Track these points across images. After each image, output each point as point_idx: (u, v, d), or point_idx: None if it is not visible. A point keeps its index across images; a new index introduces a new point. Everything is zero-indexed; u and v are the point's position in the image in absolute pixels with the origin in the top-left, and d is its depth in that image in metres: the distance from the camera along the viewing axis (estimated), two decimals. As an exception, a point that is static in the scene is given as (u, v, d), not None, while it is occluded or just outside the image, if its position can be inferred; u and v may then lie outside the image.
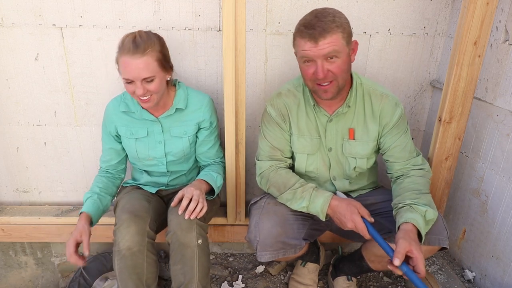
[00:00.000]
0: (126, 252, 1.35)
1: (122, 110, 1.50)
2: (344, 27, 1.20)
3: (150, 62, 1.31)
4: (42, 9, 1.59)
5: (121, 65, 1.32)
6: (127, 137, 1.52)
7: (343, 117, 1.40)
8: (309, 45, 1.20)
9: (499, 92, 1.42)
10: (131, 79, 1.31)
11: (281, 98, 1.43)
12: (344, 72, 1.25)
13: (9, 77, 1.71)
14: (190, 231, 1.35)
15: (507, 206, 1.41)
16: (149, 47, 1.30)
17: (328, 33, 1.17)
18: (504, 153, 1.42)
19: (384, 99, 1.37)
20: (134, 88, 1.33)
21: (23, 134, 1.83)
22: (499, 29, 1.40)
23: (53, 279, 2.10)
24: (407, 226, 1.20)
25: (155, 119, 1.49)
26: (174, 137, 1.53)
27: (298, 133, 1.44)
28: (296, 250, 1.43)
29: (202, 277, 1.38)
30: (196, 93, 1.55)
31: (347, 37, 1.22)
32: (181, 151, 1.55)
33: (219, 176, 1.54)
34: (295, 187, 1.39)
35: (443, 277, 1.57)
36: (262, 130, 1.49)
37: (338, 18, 1.20)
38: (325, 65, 1.22)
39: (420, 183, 1.34)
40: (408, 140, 1.42)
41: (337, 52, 1.20)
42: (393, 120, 1.37)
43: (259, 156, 1.52)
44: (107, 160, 1.58)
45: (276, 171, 1.46)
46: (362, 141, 1.41)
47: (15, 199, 1.99)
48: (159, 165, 1.58)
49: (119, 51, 1.32)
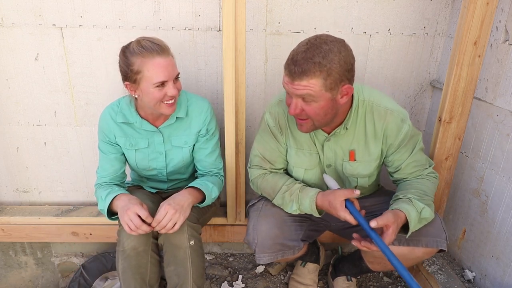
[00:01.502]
0: (131, 252, 1.34)
1: (120, 121, 1.41)
2: (330, 72, 1.07)
3: (174, 60, 1.31)
4: (42, 9, 1.59)
5: (150, 69, 1.22)
6: (126, 148, 1.46)
7: (341, 138, 1.33)
8: (286, 80, 1.14)
9: (499, 92, 1.42)
10: (167, 79, 1.25)
11: (281, 107, 1.38)
12: (320, 116, 1.17)
13: (9, 77, 1.71)
14: (181, 233, 1.34)
15: (507, 206, 1.41)
16: (167, 46, 1.29)
17: (306, 76, 1.08)
18: (504, 153, 1.41)
19: (389, 116, 1.27)
20: (165, 90, 1.27)
21: (23, 134, 1.83)
22: (499, 29, 1.40)
23: (53, 279, 2.10)
24: (399, 212, 1.20)
25: (156, 129, 1.43)
26: (175, 147, 1.49)
27: (297, 147, 1.39)
28: (295, 252, 1.43)
29: (196, 278, 1.38)
30: (195, 98, 1.48)
31: (332, 83, 1.09)
32: (181, 161, 1.52)
33: (215, 187, 1.46)
34: (282, 190, 1.38)
35: (443, 277, 1.57)
36: (257, 138, 1.45)
37: (328, 60, 1.07)
38: (300, 103, 1.16)
39: (428, 187, 1.32)
40: (420, 154, 1.36)
41: (312, 97, 1.11)
42: (398, 138, 1.29)
43: (250, 164, 1.51)
44: (112, 172, 1.47)
45: (263, 178, 1.44)
46: (364, 161, 1.35)
47: (15, 199, 1.99)
48: (159, 175, 1.56)
49: (140, 56, 1.22)
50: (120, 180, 1.51)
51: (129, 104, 1.41)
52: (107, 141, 1.45)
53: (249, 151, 1.58)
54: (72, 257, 2.05)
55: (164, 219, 1.27)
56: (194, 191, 1.41)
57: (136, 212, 1.25)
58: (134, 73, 1.24)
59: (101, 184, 1.48)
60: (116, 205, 1.34)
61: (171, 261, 1.37)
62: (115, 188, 1.42)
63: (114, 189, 1.41)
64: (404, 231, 1.24)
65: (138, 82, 1.26)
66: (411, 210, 1.21)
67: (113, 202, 1.35)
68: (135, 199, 1.32)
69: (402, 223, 1.19)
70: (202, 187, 1.41)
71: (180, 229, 1.32)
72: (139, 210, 1.26)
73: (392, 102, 1.32)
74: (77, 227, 1.84)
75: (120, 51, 1.29)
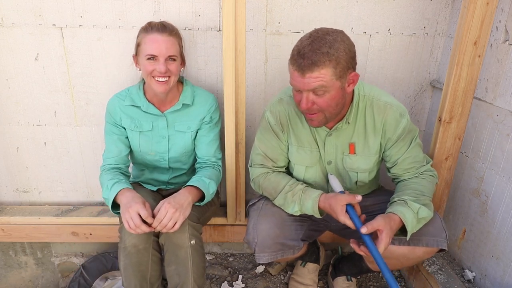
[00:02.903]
0: (132, 249, 1.35)
1: (127, 103, 1.49)
2: (338, 60, 1.09)
3: (175, 43, 1.39)
4: (42, 9, 1.59)
5: (146, 42, 1.34)
6: (131, 129, 1.52)
7: (343, 132, 1.35)
8: (296, 75, 1.13)
9: (499, 92, 1.42)
10: (156, 54, 1.34)
11: (282, 105, 1.38)
12: (332, 107, 1.18)
13: (9, 77, 1.71)
14: (182, 232, 1.35)
15: (507, 206, 1.41)
16: (174, 30, 1.41)
17: (317, 67, 1.09)
18: (504, 153, 1.41)
19: (388, 110, 1.30)
20: (155, 65, 1.35)
21: (23, 134, 1.83)
22: (499, 29, 1.40)
23: (53, 279, 2.10)
24: (393, 215, 1.20)
25: (161, 113, 1.50)
26: (177, 132, 1.52)
27: (298, 144, 1.40)
28: (295, 251, 1.43)
29: (197, 277, 1.39)
30: (202, 91, 1.56)
31: (341, 71, 1.12)
32: (183, 147, 1.54)
33: (212, 182, 1.47)
34: (285, 190, 1.38)
35: (443, 277, 1.57)
36: (257, 136, 1.46)
37: (335, 49, 1.09)
38: (311, 97, 1.16)
39: (425, 186, 1.32)
40: (418, 150, 1.37)
41: (324, 87, 1.12)
42: (397, 132, 1.31)
43: (251, 163, 1.51)
44: (116, 154, 1.52)
45: (266, 177, 1.44)
46: (364, 155, 1.37)
47: (15, 199, 1.99)
48: (160, 160, 1.57)
49: (144, 32, 1.37)
50: (124, 163, 1.55)
51: (138, 88, 1.50)
52: (113, 123, 1.52)
53: (249, 151, 1.58)
54: (72, 257, 2.05)
55: (165, 218, 1.28)
56: (193, 189, 1.41)
57: (138, 211, 1.26)
58: (136, 44, 1.40)
59: (106, 167, 1.52)
60: (120, 200, 1.35)
61: (172, 260, 1.38)
62: (121, 179, 1.44)
63: (120, 179, 1.43)
64: (404, 233, 1.23)
65: (138, 54, 1.40)
66: (406, 212, 1.21)
67: (117, 196, 1.37)
68: (138, 197, 1.33)
69: (397, 225, 1.19)
70: (199, 184, 1.42)
71: (181, 228, 1.33)
72: (141, 209, 1.27)
73: (391, 97, 1.35)
74: (77, 227, 1.84)
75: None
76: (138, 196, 1.34)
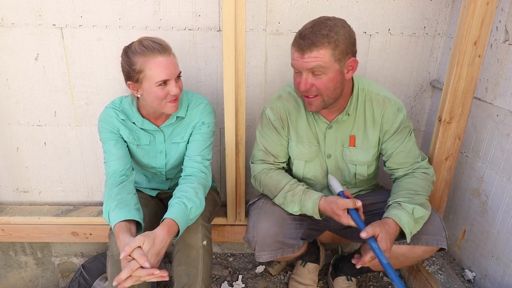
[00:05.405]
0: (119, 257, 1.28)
1: (122, 118, 1.41)
2: (337, 43, 1.14)
3: (175, 58, 1.31)
4: (42, 9, 1.59)
5: (152, 68, 1.23)
6: (129, 141, 1.45)
7: (343, 124, 1.37)
8: (296, 55, 1.18)
9: (499, 92, 1.42)
10: (168, 77, 1.26)
11: (282, 102, 1.41)
12: (330, 90, 1.21)
13: (9, 77, 1.71)
14: (195, 232, 1.34)
15: (507, 206, 1.41)
16: (169, 45, 1.30)
17: (316, 47, 1.13)
18: (504, 153, 1.41)
19: (386, 104, 1.34)
20: (168, 89, 1.27)
21: (23, 134, 1.83)
22: (499, 29, 1.40)
23: (53, 279, 2.10)
24: (388, 220, 1.21)
25: (157, 128, 1.44)
26: (173, 144, 1.49)
27: (297, 139, 1.42)
28: (295, 250, 1.43)
29: (205, 278, 1.37)
30: (195, 98, 1.47)
31: (340, 54, 1.16)
32: (179, 157, 1.51)
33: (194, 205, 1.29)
34: (285, 189, 1.38)
35: (443, 277, 1.57)
36: (258, 133, 1.48)
37: (334, 32, 1.14)
38: (310, 78, 1.20)
39: (419, 185, 1.33)
40: (412, 145, 1.39)
41: (322, 68, 1.16)
42: (394, 126, 1.35)
43: (253, 159, 1.52)
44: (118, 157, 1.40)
45: (267, 174, 1.45)
46: (363, 148, 1.39)
47: (15, 199, 1.99)
48: (157, 174, 1.56)
49: (141, 56, 1.23)
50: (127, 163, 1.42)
51: (131, 103, 1.41)
52: (112, 135, 1.41)
53: (249, 151, 1.58)
54: (72, 257, 2.05)
55: (144, 277, 1.13)
56: (173, 226, 1.23)
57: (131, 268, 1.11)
58: (136, 72, 1.25)
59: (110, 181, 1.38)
60: (116, 234, 1.22)
61: (183, 260, 1.35)
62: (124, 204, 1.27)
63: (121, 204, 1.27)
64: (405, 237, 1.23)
65: (140, 82, 1.27)
66: (401, 214, 1.21)
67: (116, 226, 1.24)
68: (134, 241, 1.14)
69: (393, 229, 1.19)
70: (179, 219, 1.23)
71: (194, 228, 1.33)
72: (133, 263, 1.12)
73: (389, 92, 1.38)
74: (77, 227, 1.84)
75: (122, 51, 1.29)
76: (123, 239, 1.18)
